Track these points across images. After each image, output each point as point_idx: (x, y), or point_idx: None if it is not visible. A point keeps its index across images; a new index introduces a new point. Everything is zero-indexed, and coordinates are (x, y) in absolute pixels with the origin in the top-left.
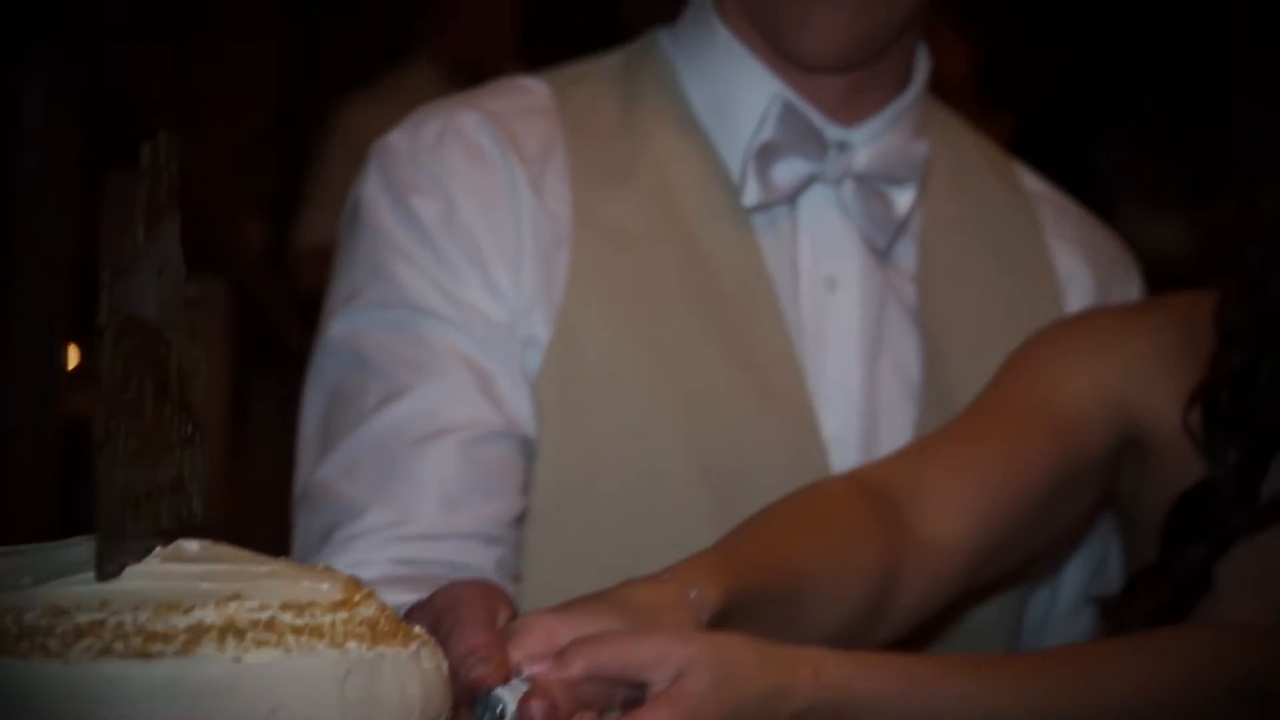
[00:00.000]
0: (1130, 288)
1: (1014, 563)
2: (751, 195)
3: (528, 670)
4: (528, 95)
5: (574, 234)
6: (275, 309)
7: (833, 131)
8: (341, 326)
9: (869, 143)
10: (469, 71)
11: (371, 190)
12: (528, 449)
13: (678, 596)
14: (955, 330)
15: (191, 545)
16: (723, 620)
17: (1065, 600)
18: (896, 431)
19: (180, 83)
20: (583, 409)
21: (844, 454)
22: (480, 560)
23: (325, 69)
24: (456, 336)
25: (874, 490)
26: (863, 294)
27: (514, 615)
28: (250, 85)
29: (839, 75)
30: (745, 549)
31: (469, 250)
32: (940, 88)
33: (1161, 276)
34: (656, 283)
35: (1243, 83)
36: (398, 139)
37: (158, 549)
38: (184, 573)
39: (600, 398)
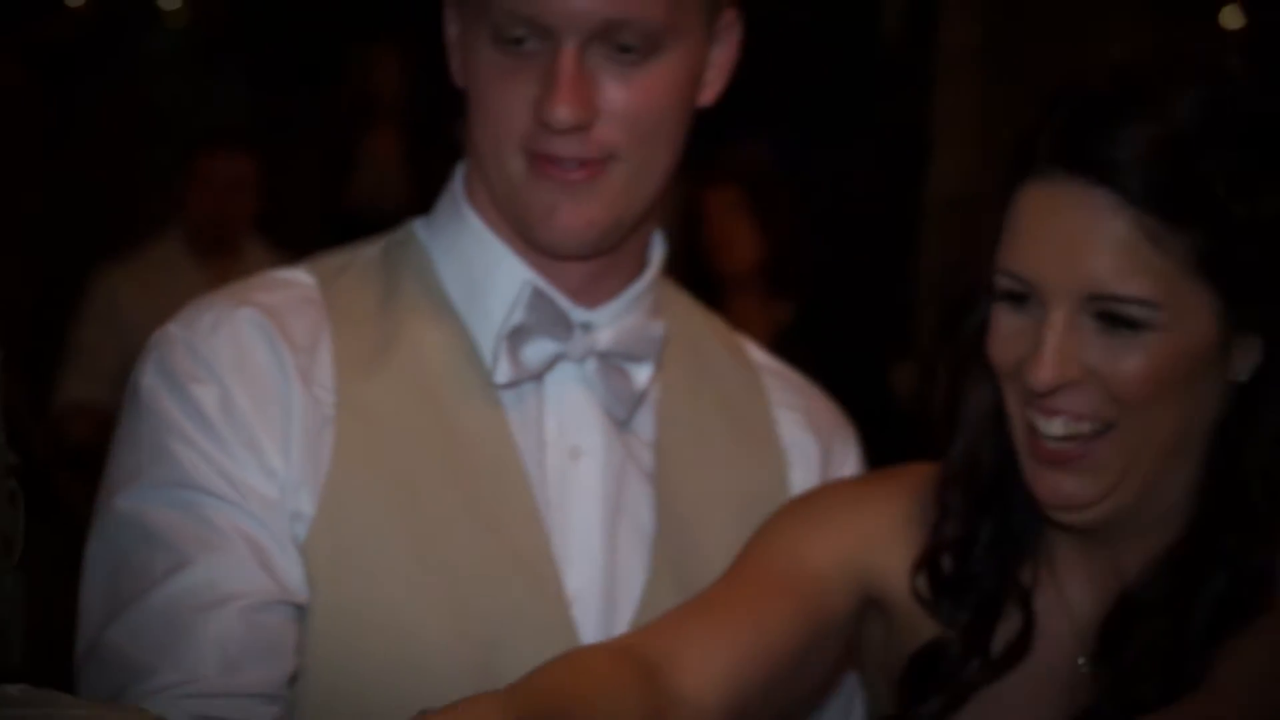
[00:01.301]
0: (849, 451)
1: (772, 716)
2: (503, 374)
3: None
4: (296, 288)
5: (337, 417)
6: (43, 460)
7: (577, 314)
8: (127, 502)
9: (610, 323)
10: (211, 244)
11: (151, 377)
12: (300, 614)
13: None
14: (689, 492)
15: (12, 689)
16: None
17: None
18: (633, 586)
19: None
20: (346, 578)
21: (585, 609)
22: (260, 717)
23: (81, 238)
24: (235, 513)
25: (634, 655)
26: (604, 463)
27: None
28: (9, 250)
29: (583, 262)
30: (523, 692)
31: (244, 435)
32: (733, 275)
33: None
34: (414, 458)
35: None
36: (175, 331)
37: None
38: (8, 716)
39: (362, 566)
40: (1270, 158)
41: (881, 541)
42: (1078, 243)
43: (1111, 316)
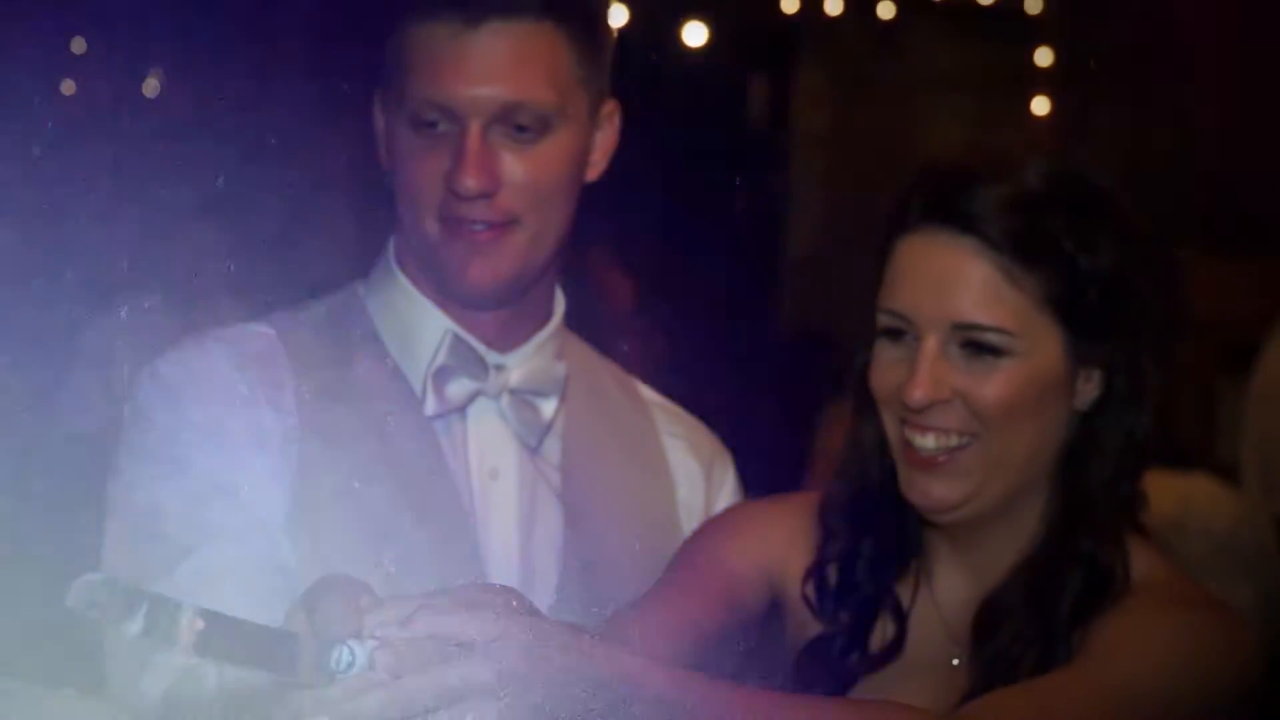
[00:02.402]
0: (727, 473)
1: None
2: (430, 407)
3: (380, 631)
4: (260, 338)
5: (300, 439)
6: None
7: (492, 357)
8: (145, 497)
9: (520, 365)
10: (187, 298)
11: (151, 402)
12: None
13: (505, 600)
14: (591, 506)
15: None
16: None
17: None
18: (546, 587)
19: None
20: (305, 574)
21: None
22: None
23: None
24: (237, 504)
25: None
26: (518, 482)
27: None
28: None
29: (495, 311)
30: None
31: (233, 445)
32: (610, 311)
33: None
34: (360, 473)
35: None
36: (164, 366)
37: None
38: None
39: (317, 566)
40: (1104, 221)
41: (784, 550)
42: (947, 281)
43: (975, 344)
